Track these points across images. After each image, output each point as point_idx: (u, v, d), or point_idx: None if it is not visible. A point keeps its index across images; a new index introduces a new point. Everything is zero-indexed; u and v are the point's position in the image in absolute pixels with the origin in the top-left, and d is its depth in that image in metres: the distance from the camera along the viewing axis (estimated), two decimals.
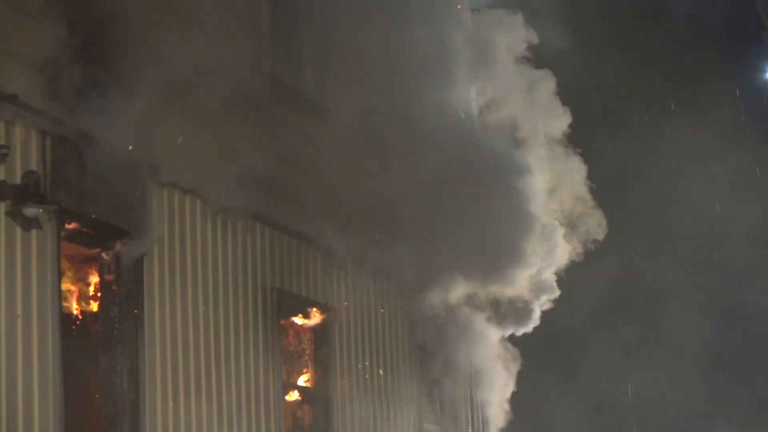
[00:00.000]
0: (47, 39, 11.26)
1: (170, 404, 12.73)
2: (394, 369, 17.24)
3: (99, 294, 12.49)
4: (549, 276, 19.63)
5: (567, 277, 20.16)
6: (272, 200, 14.36)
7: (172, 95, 12.55)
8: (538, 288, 19.33)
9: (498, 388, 19.10)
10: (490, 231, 17.92)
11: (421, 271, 17.43)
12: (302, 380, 15.59)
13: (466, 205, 17.51)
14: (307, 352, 15.70)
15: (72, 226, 11.63)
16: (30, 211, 10.85)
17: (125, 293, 12.39)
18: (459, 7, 18.92)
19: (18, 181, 10.75)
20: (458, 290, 17.86)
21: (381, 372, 17.05)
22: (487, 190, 17.82)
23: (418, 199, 16.84)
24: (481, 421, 19.65)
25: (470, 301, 18.39)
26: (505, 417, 19.76)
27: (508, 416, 19.84)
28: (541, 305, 19.58)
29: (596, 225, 20.04)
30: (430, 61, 17.14)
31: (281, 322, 14.93)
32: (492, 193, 17.88)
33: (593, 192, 20.19)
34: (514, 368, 19.41)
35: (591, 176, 20.40)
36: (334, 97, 16.15)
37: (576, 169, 19.63)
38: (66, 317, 11.61)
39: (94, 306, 12.50)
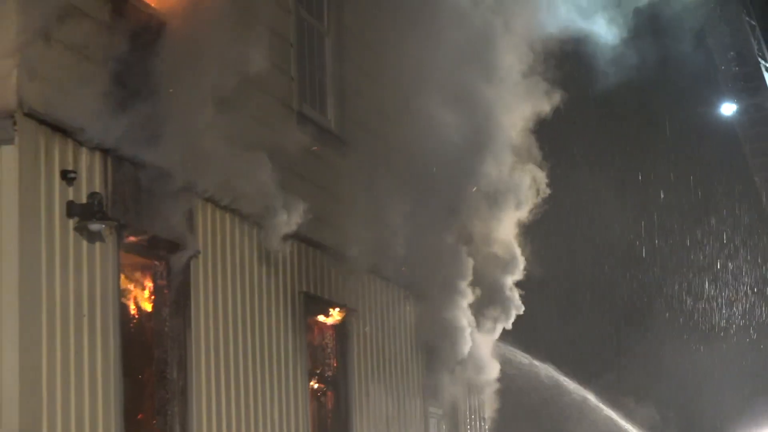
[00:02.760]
0: (108, 81, 11.30)
1: (213, 391, 12.79)
2: (403, 361, 17.24)
3: (152, 296, 12.54)
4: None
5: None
6: (303, 215, 14.37)
7: (215, 128, 12.58)
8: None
9: (489, 376, 19.09)
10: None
11: (427, 280, 17.51)
12: (325, 370, 15.57)
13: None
14: (329, 346, 15.69)
15: (129, 239, 11.65)
16: (94, 226, 10.86)
17: (175, 296, 12.44)
18: None
19: (84, 200, 10.73)
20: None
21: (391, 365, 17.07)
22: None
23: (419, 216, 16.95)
24: (477, 405, 19.59)
25: (466, 300, 18.40)
26: (496, 400, 19.77)
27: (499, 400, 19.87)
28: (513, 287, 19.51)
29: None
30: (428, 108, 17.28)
31: (307, 320, 14.88)
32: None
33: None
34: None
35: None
36: (351, 130, 16.16)
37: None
38: (125, 316, 11.64)
39: (149, 307, 12.53)
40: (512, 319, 19.22)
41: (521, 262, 19.40)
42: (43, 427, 10.12)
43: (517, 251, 19.42)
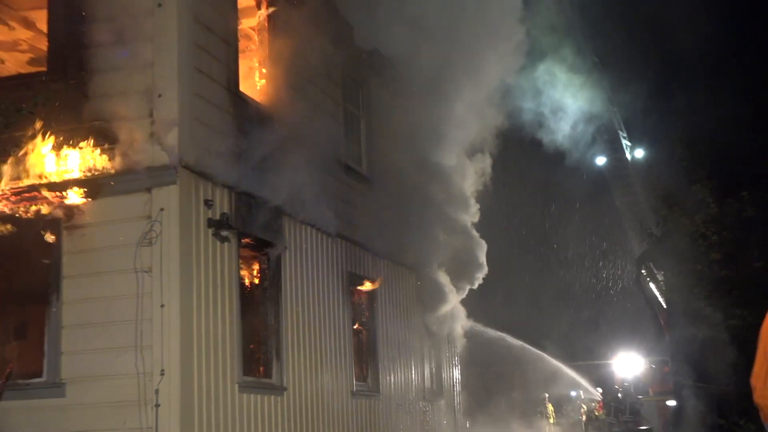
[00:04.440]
0: (230, 146, 11.36)
1: (295, 330, 12.75)
2: (408, 312, 17.15)
3: (258, 275, 12.56)
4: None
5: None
6: (344, 226, 14.37)
7: (295, 173, 12.63)
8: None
9: (460, 322, 19.08)
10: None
11: (422, 262, 17.54)
12: (361, 318, 15.53)
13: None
14: (363, 303, 15.65)
15: (244, 240, 11.65)
16: (224, 233, 10.93)
17: (271, 274, 12.44)
18: None
19: (218, 217, 10.83)
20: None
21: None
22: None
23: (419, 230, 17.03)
24: (453, 344, 19.56)
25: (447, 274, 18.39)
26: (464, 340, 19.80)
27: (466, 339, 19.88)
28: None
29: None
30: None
31: (350, 288, 14.84)
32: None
33: None
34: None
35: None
36: (378, 173, 16.19)
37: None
38: (241, 287, 11.64)
39: (256, 281, 12.60)
40: (479, 279, 19.11)
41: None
42: (193, 353, 10.22)
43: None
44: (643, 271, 27.90)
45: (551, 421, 30.91)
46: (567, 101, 25.90)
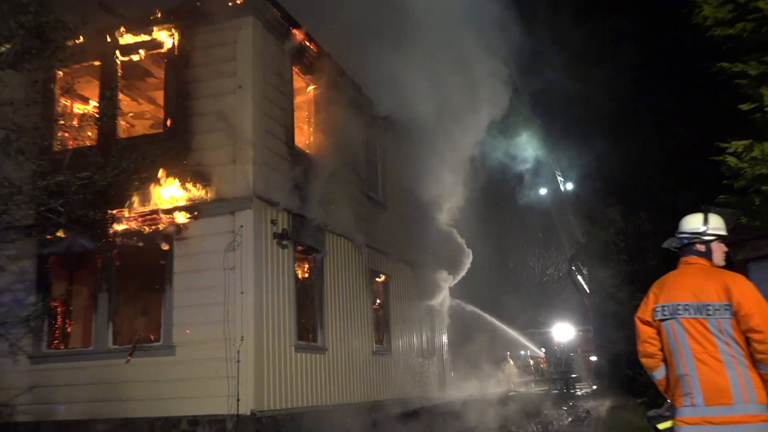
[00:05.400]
0: (288, 181, 11.30)
1: (334, 309, 12.66)
2: (411, 298, 17.04)
3: (307, 272, 12.47)
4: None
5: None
6: (366, 237, 14.25)
7: (334, 202, 12.64)
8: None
9: (447, 303, 18.97)
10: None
11: (421, 262, 17.40)
12: (378, 300, 15.42)
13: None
14: (380, 290, 15.54)
15: (299, 248, 11.61)
16: (284, 243, 10.90)
17: (317, 271, 12.35)
18: None
19: (280, 231, 10.79)
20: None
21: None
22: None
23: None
24: (442, 318, 19.32)
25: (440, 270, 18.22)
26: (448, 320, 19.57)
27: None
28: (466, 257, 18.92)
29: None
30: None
31: (371, 280, 14.71)
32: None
33: None
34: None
35: None
36: (390, 201, 16.12)
37: None
38: (296, 280, 11.55)
39: (306, 275, 12.47)
40: (460, 275, 18.96)
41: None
42: (263, 325, 10.21)
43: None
44: (573, 268, 27.77)
45: (511, 364, 30.74)
46: (521, 152, 25.95)
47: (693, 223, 3.69)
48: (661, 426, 3.44)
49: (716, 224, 3.68)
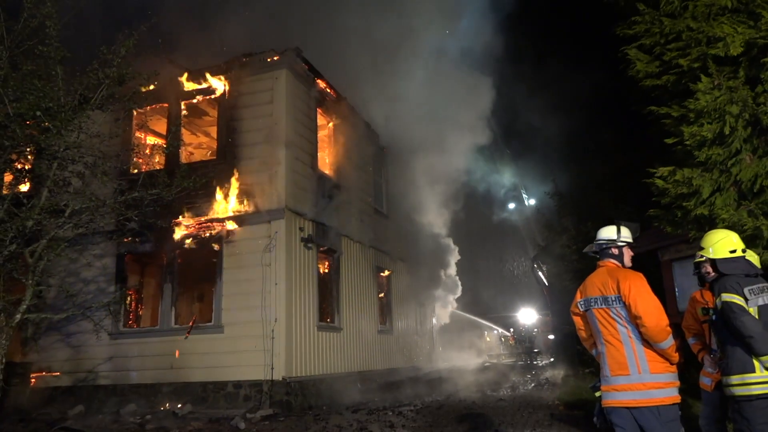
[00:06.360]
0: (313, 198, 11.32)
1: (347, 299, 12.57)
2: (408, 292, 16.78)
3: (327, 268, 12.34)
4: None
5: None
6: (373, 241, 14.23)
7: (348, 214, 12.61)
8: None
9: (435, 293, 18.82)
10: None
11: (416, 263, 17.18)
12: (382, 291, 15.29)
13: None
14: (384, 284, 15.39)
15: (321, 249, 11.50)
16: (309, 245, 10.85)
17: (335, 268, 12.26)
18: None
19: (306, 236, 10.75)
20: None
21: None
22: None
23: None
24: (434, 315, 18.96)
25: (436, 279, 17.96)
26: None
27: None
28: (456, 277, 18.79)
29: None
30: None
31: (377, 275, 14.60)
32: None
33: None
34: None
35: None
36: (391, 212, 16.01)
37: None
38: (319, 275, 11.50)
39: (326, 271, 12.34)
40: (448, 271, 18.78)
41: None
42: (293, 309, 10.19)
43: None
44: (535, 265, 27.59)
45: (488, 340, 30.61)
46: (494, 175, 25.90)
47: (608, 232, 3.75)
48: (597, 393, 3.55)
49: (626, 234, 3.74)
